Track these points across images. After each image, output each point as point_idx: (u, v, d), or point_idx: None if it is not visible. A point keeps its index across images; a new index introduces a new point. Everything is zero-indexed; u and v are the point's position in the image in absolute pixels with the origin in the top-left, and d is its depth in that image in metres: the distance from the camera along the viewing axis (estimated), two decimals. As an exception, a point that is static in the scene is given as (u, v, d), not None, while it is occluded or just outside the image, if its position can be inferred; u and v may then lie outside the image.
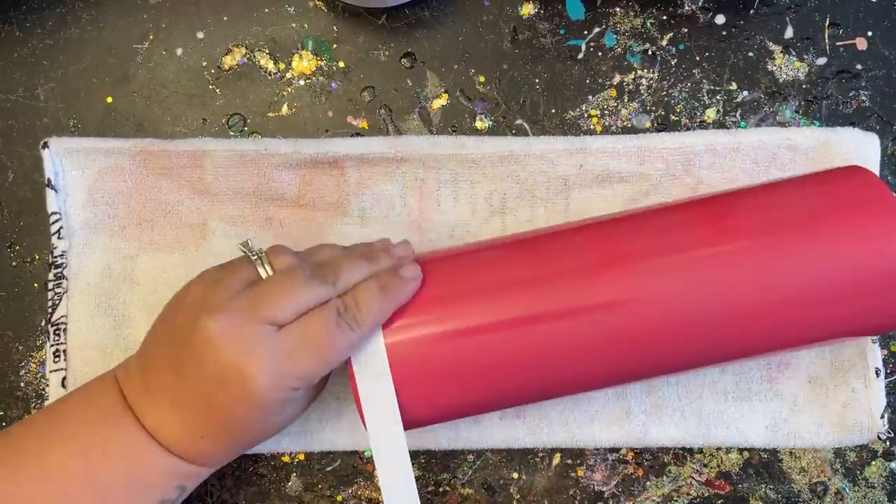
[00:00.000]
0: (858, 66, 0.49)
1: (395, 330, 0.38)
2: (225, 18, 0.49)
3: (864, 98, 0.49)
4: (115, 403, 0.38)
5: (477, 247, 0.41)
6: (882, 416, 0.46)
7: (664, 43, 0.49)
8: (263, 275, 0.38)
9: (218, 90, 0.49)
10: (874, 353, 0.46)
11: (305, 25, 0.49)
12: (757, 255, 0.37)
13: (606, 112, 0.49)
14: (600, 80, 0.49)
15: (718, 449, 0.48)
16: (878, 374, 0.46)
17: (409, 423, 0.39)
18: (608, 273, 0.38)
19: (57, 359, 0.46)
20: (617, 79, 0.49)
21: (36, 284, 0.48)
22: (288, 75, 0.49)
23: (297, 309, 0.36)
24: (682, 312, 0.38)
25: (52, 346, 0.46)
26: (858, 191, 0.39)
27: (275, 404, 0.36)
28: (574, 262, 0.39)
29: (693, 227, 0.39)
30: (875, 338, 0.46)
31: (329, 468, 0.48)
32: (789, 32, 0.49)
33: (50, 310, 0.46)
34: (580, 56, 0.49)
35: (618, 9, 0.49)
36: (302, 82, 0.49)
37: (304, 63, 0.49)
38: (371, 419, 0.38)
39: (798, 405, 0.47)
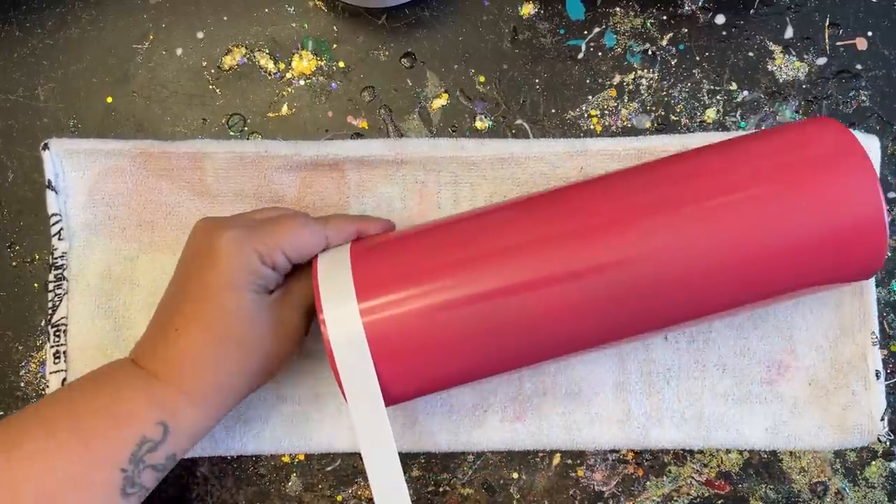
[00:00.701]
0: (858, 66, 0.49)
1: (372, 309, 0.38)
2: (225, 18, 0.49)
3: (864, 98, 0.49)
4: (118, 360, 0.41)
5: (449, 220, 0.41)
6: (882, 419, 0.46)
7: (664, 43, 0.49)
8: None
9: (218, 90, 0.49)
10: (874, 356, 0.46)
11: (305, 25, 0.49)
12: (735, 210, 0.38)
13: (606, 112, 0.49)
14: (600, 80, 0.49)
15: (718, 449, 0.48)
16: (878, 377, 0.46)
17: (394, 398, 0.39)
18: (587, 236, 0.38)
19: (57, 360, 0.46)
20: (617, 79, 0.49)
21: (36, 284, 0.48)
22: (288, 75, 0.49)
23: (272, 214, 0.42)
24: (671, 270, 0.38)
25: (53, 347, 0.46)
26: (830, 142, 0.39)
27: (239, 272, 0.38)
28: (552, 227, 0.39)
29: (673, 184, 0.39)
30: (875, 338, 0.46)
31: (329, 468, 0.48)
32: (789, 32, 0.49)
33: (50, 311, 0.46)
34: (580, 56, 0.49)
35: (618, 9, 0.49)
36: (302, 82, 0.49)
37: (304, 63, 0.49)
38: (338, 352, 0.37)
39: (798, 407, 0.47)
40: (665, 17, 0.49)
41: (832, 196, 0.37)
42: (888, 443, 0.48)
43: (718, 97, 0.49)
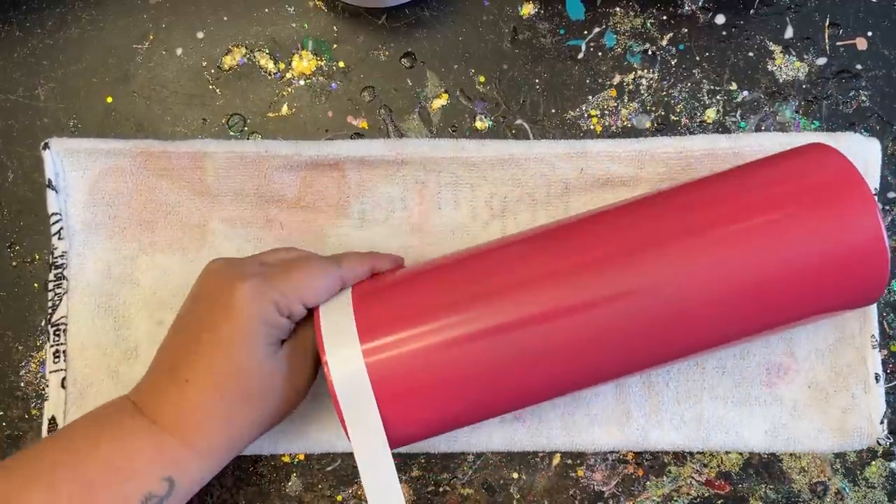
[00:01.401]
0: (858, 66, 0.49)
1: (375, 349, 0.38)
2: (225, 18, 0.49)
3: (864, 98, 0.49)
4: (121, 401, 0.39)
5: (444, 261, 0.41)
6: (882, 422, 0.46)
7: (664, 43, 0.49)
8: None
9: (218, 90, 0.49)
10: (874, 359, 0.47)
11: (305, 25, 0.49)
12: (737, 242, 0.38)
13: (606, 112, 0.49)
14: (600, 80, 0.49)
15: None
16: (877, 380, 0.46)
17: (399, 439, 0.39)
18: (589, 271, 0.38)
19: (57, 359, 0.46)
20: (617, 79, 0.49)
21: (36, 284, 0.48)
22: (288, 75, 0.49)
23: (284, 256, 0.42)
24: (674, 303, 0.38)
25: (52, 346, 0.46)
26: (828, 168, 0.39)
27: (256, 324, 0.37)
28: (554, 264, 0.39)
29: (675, 217, 0.39)
30: (875, 342, 0.46)
31: (329, 468, 0.48)
32: (789, 32, 0.49)
33: (50, 310, 0.46)
34: (580, 56, 0.49)
35: (618, 9, 0.49)
36: (302, 82, 0.49)
37: (304, 63, 0.49)
38: (342, 395, 0.37)
39: (798, 410, 0.47)
40: (665, 17, 0.49)
41: (833, 227, 0.38)
42: (888, 444, 0.48)
43: (718, 97, 0.49)
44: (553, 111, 0.49)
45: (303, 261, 0.40)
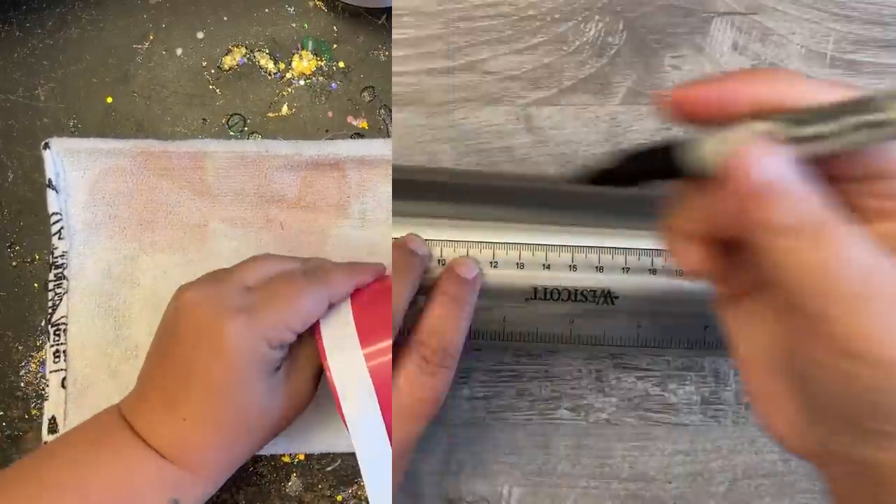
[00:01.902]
0: (858, 67, 0.49)
1: (376, 353, 0.38)
2: (225, 18, 0.49)
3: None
4: (113, 419, 0.39)
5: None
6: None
7: (664, 43, 0.49)
8: None
9: (218, 90, 0.49)
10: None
11: (305, 25, 0.49)
12: None
13: (606, 112, 0.49)
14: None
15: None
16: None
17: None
18: None
19: (57, 359, 0.46)
20: (617, 79, 0.49)
21: (36, 284, 0.48)
22: (288, 75, 0.49)
23: (264, 273, 0.39)
24: None
25: (52, 346, 0.46)
26: None
27: (249, 364, 0.37)
28: None
29: None
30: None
31: (329, 468, 0.48)
32: (789, 33, 0.49)
33: (50, 310, 0.46)
34: (580, 56, 0.49)
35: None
36: (302, 82, 0.49)
37: (304, 63, 0.49)
38: (345, 397, 0.37)
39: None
40: (665, 18, 0.49)
41: None
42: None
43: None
44: (553, 111, 0.49)
45: (287, 283, 0.39)
